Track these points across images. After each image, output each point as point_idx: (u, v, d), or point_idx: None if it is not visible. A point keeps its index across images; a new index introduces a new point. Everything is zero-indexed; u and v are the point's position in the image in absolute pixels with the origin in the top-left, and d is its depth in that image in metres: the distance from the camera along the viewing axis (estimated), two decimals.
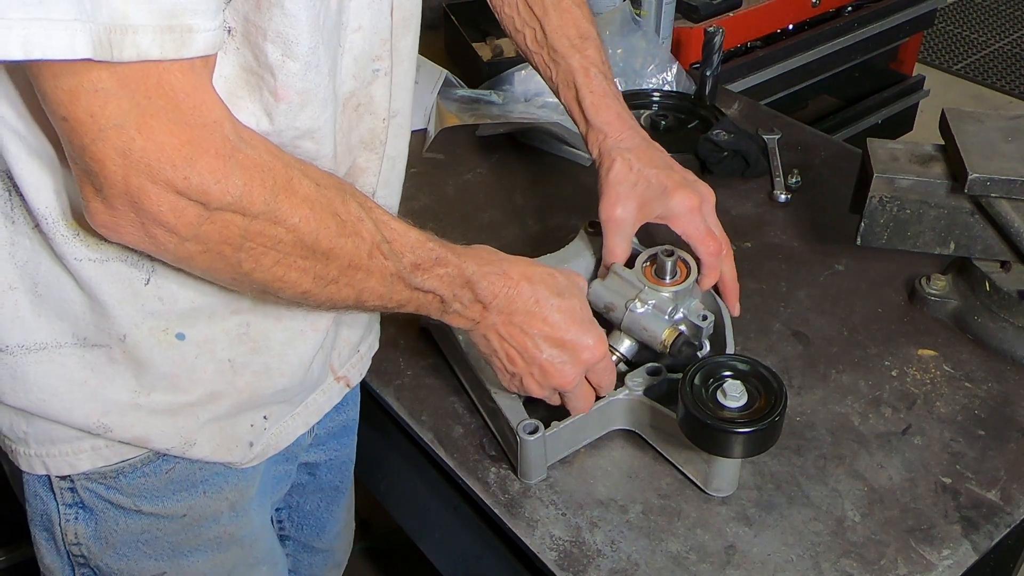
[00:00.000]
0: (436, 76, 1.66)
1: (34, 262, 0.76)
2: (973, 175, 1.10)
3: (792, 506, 0.98)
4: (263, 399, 0.88)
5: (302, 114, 0.74)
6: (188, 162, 0.62)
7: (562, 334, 0.91)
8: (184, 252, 0.67)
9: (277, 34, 0.68)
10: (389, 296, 0.80)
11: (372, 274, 0.77)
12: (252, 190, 0.66)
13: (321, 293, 0.75)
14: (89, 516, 0.88)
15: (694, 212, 1.05)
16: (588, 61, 1.08)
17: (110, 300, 0.76)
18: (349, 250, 0.74)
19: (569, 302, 0.92)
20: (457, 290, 0.85)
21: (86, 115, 0.60)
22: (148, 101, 0.61)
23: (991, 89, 4.02)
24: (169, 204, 0.63)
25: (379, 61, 0.82)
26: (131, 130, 0.60)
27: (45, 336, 0.78)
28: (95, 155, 0.61)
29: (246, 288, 0.74)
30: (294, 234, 0.70)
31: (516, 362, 0.93)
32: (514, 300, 0.89)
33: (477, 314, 0.89)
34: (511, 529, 0.97)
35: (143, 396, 0.81)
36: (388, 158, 0.91)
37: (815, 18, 2.45)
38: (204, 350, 0.82)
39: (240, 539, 0.97)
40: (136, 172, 0.61)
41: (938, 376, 1.13)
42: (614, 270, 1.06)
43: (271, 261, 0.70)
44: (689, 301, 1.05)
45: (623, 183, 1.05)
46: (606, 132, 1.07)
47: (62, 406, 0.80)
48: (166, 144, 0.62)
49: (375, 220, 0.77)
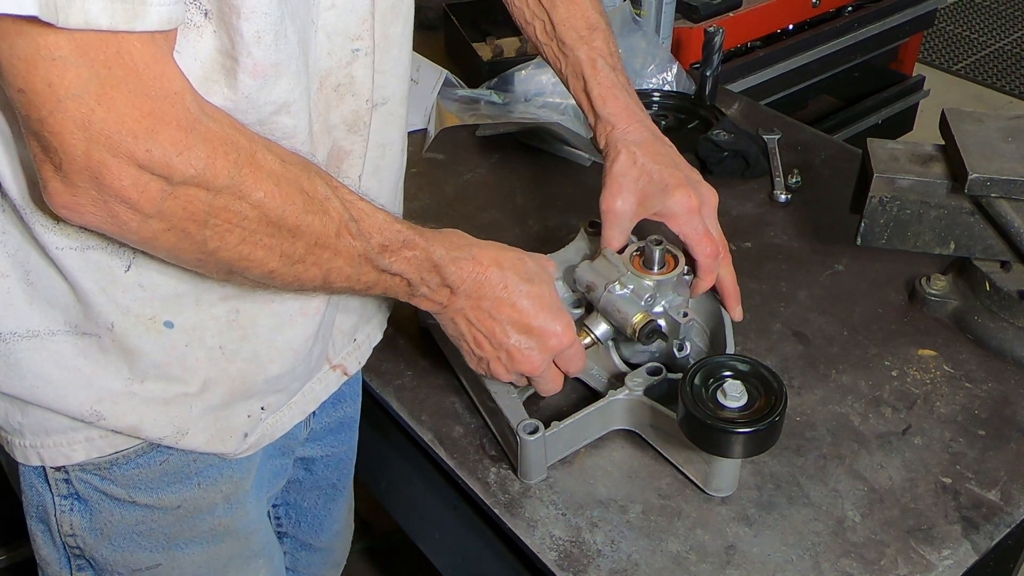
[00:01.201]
0: (436, 76, 1.66)
1: (24, 250, 0.76)
2: (973, 175, 1.11)
3: (792, 506, 0.98)
4: (257, 387, 0.88)
5: (277, 87, 0.73)
6: (150, 134, 0.61)
7: (530, 320, 0.91)
8: (148, 231, 0.66)
9: (252, 10, 0.67)
10: (356, 278, 0.80)
11: (339, 254, 0.76)
12: (215, 163, 0.65)
13: (288, 272, 0.75)
14: (84, 507, 0.88)
15: (692, 213, 1.05)
16: (596, 52, 1.08)
17: (92, 288, 0.76)
18: (316, 228, 0.73)
19: (538, 288, 0.92)
20: (424, 274, 0.85)
21: (44, 84, 0.59)
22: (108, 71, 0.60)
23: (991, 89, 4.03)
24: (131, 178, 0.62)
25: (359, 41, 0.82)
26: (91, 101, 0.59)
27: (38, 323, 0.78)
28: (53, 127, 0.60)
29: (212, 269, 0.73)
30: (259, 210, 0.69)
31: (483, 346, 0.93)
32: (482, 285, 0.89)
33: (445, 298, 0.89)
34: (511, 529, 0.97)
35: (136, 384, 0.81)
36: (377, 145, 0.91)
37: (815, 18, 2.45)
38: (193, 337, 0.82)
39: (235, 531, 0.97)
40: (97, 145, 0.60)
41: (938, 376, 1.13)
42: (604, 253, 1.06)
43: (237, 238, 0.69)
44: (672, 296, 1.05)
45: (625, 176, 1.05)
46: (613, 123, 1.07)
47: (56, 393, 0.80)
48: (127, 116, 0.60)
49: (342, 199, 0.76)
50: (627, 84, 1.10)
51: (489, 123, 1.59)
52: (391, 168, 0.95)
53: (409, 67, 0.92)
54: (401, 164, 0.98)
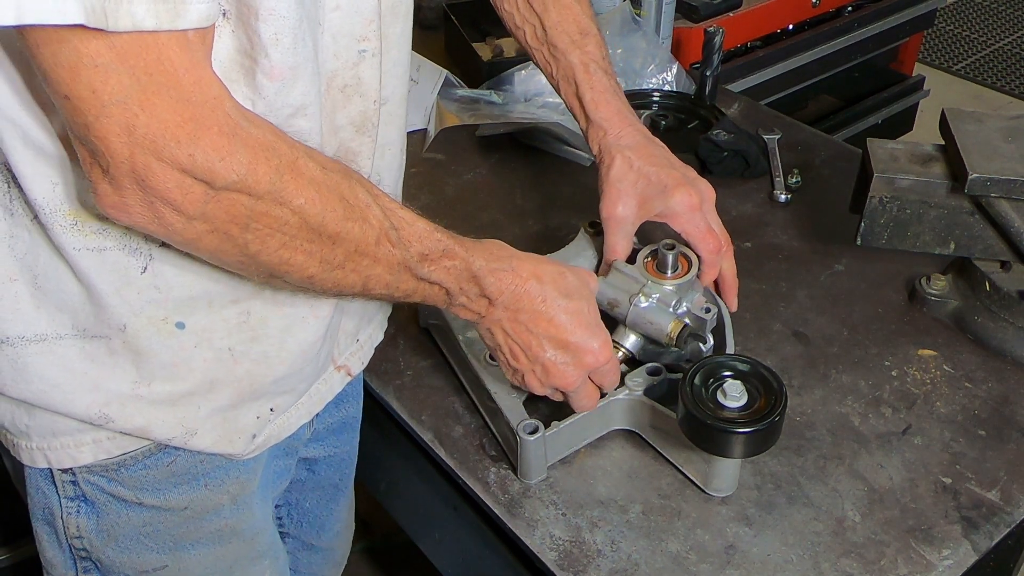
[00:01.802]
0: (436, 76, 1.66)
1: (33, 254, 0.76)
2: (973, 175, 1.11)
3: (792, 506, 0.98)
4: (265, 388, 0.88)
5: (295, 89, 0.73)
6: (192, 139, 0.62)
7: (567, 336, 0.91)
8: (191, 232, 0.67)
9: (269, 11, 0.67)
10: (396, 285, 0.80)
11: (379, 261, 0.77)
12: (257, 169, 0.66)
13: (327, 278, 0.75)
14: (91, 509, 0.88)
15: (694, 210, 1.05)
16: (588, 57, 1.08)
17: (108, 289, 0.76)
18: (356, 235, 0.74)
19: (577, 304, 0.92)
20: (464, 284, 0.85)
21: (88, 91, 0.60)
22: (149, 77, 0.60)
23: (991, 89, 4.02)
24: (175, 181, 0.63)
25: (365, 42, 0.82)
26: (134, 107, 0.60)
27: (45, 327, 0.78)
28: (99, 132, 0.61)
29: (253, 272, 0.74)
30: (299, 216, 0.69)
31: (519, 359, 0.93)
32: (521, 298, 0.89)
33: (483, 308, 0.89)
34: (511, 529, 0.97)
35: (143, 386, 0.82)
36: (379, 145, 0.91)
37: (815, 18, 2.45)
38: (203, 339, 0.82)
39: (241, 532, 0.98)
40: (141, 149, 0.61)
41: (938, 376, 1.13)
42: (616, 267, 1.06)
43: (277, 243, 0.70)
44: (691, 294, 1.06)
45: (623, 181, 1.06)
46: (606, 129, 1.08)
47: (63, 397, 0.80)
48: (169, 121, 0.61)
49: (383, 207, 0.76)
50: (618, 88, 1.11)
51: (489, 123, 1.59)
52: (390, 168, 0.95)
53: (409, 67, 0.92)
54: (400, 164, 0.98)
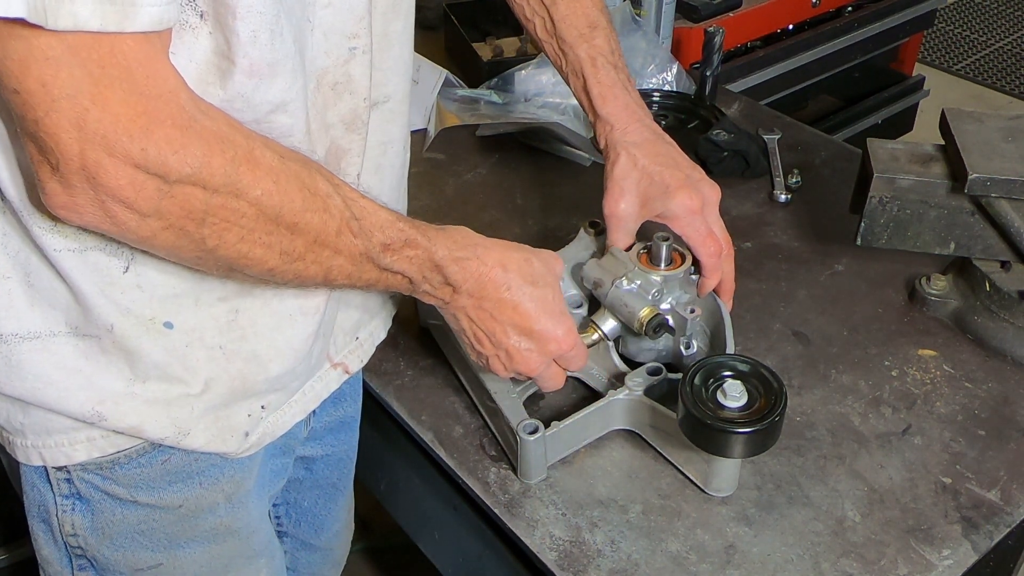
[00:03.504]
0: (436, 76, 1.66)
1: (25, 252, 0.76)
2: (973, 175, 1.10)
3: (792, 506, 0.98)
4: (258, 387, 0.88)
5: (273, 86, 0.73)
6: (144, 133, 0.61)
7: (531, 324, 0.91)
8: (146, 230, 0.66)
9: (247, 8, 0.67)
10: (358, 275, 0.80)
11: (340, 252, 0.76)
12: (211, 161, 0.65)
13: (288, 270, 0.74)
14: (86, 507, 0.88)
15: (694, 214, 1.05)
16: (596, 51, 1.07)
17: (92, 290, 0.76)
18: (316, 225, 0.73)
19: (542, 291, 0.91)
20: (427, 272, 0.85)
21: (37, 85, 0.59)
22: (101, 71, 0.60)
23: (991, 89, 4.02)
24: (128, 178, 0.62)
25: (355, 39, 0.81)
26: (85, 100, 0.59)
27: (39, 325, 0.78)
28: (49, 128, 0.60)
29: (212, 266, 0.73)
30: (257, 207, 0.69)
31: (484, 343, 0.93)
32: (485, 286, 0.89)
33: (447, 295, 0.89)
34: (511, 529, 0.97)
35: (138, 385, 0.82)
36: (379, 143, 0.90)
37: (815, 18, 2.45)
38: (194, 338, 0.82)
39: (237, 531, 0.97)
40: (92, 145, 0.60)
41: (938, 376, 1.13)
42: (611, 251, 1.07)
43: (235, 237, 0.69)
44: (679, 292, 1.05)
45: (627, 179, 1.05)
46: (612, 124, 1.07)
47: (57, 394, 0.80)
48: (121, 115, 0.60)
49: (344, 197, 0.76)
50: (628, 83, 1.10)
51: (489, 123, 1.59)
52: (393, 166, 0.95)
53: (411, 65, 0.92)
54: (404, 162, 0.98)
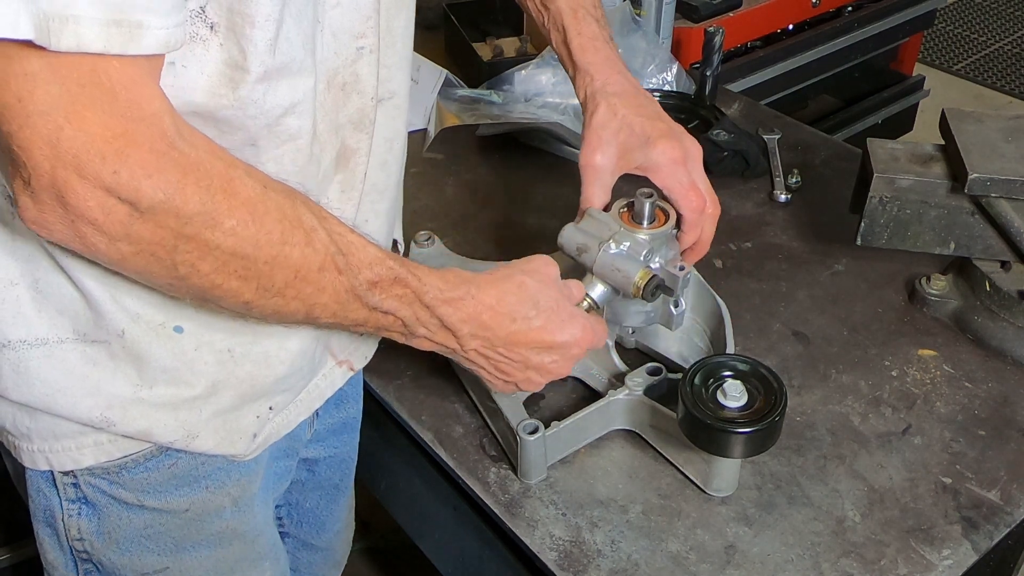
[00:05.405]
0: (436, 76, 1.66)
1: (35, 259, 0.76)
2: (973, 175, 1.11)
3: (792, 506, 0.98)
4: (265, 388, 0.88)
5: (283, 89, 0.72)
6: (119, 155, 0.60)
7: (550, 339, 0.89)
8: (116, 253, 0.64)
9: (266, 17, 0.67)
10: (344, 314, 0.76)
11: (324, 290, 0.73)
12: (185, 189, 0.63)
13: (266, 305, 0.71)
14: (92, 511, 0.88)
15: (677, 164, 1.00)
16: (577, 3, 1.05)
17: (104, 296, 0.76)
18: (295, 260, 0.70)
19: (546, 306, 0.88)
20: (419, 313, 0.81)
21: (14, 99, 0.58)
22: (80, 90, 0.59)
23: (991, 89, 4.02)
24: (96, 201, 0.60)
25: (363, 39, 0.81)
26: (59, 118, 0.58)
27: (46, 331, 0.78)
28: (21, 143, 0.59)
29: (184, 294, 0.71)
30: (232, 239, 0.66)
31: (510, 373, 0.90)
32: (489, 325, 0.85)
33: (449, 341, 0.85)
34: (511, 529, 0.97)
35: (145, 390, 0.81)
36: (384, 139, 0.90)
37: (815, 18, 2.45)
38: (203, 341, 0.82)
39: (243, 534, 0.98)
40: (63, 164, 0.59)
41: (938, 376, 1.13)
42: (590, 213, 1.01)
43: (208, 267, 0.66)
44: (665, 249, 1.01)
45: (605, 128, 1.01)
46: (592, 74, 1.03)
47: (65, 400, 0.80)
48: (96, 135, 0.59)
49: (330, 231, 0.73)
50: (610, 39, 1.06)
51: (489, 123, 1.59)
52: (398, 161, 0.95)
53: (411, 60, 0.91)
54: (404, 156, 0.98)
